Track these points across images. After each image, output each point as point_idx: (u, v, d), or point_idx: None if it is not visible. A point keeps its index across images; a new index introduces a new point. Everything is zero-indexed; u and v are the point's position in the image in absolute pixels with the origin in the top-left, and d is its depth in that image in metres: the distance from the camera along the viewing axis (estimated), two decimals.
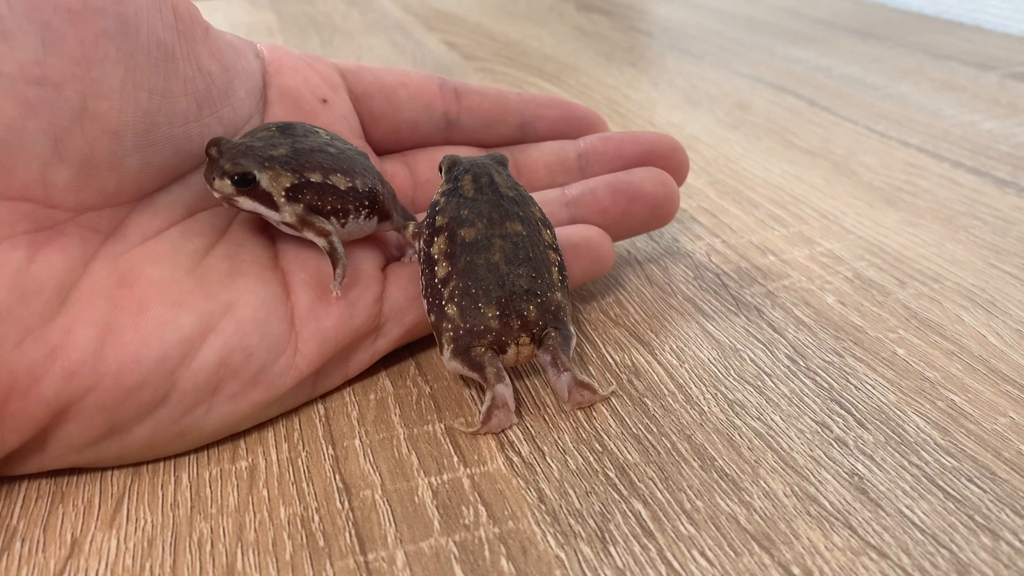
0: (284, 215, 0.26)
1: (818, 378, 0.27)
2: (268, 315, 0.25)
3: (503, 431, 0.25)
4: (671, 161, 0.33)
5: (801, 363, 0.28)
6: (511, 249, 0.27)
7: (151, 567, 0.21)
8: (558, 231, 0.30)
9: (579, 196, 0.32)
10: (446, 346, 0.26)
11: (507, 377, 0.26)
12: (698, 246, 0.36)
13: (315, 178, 0.26)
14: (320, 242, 0.27)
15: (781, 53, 0.63)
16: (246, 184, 0.26)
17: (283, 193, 0.26)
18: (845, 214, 0.38)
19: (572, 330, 0.27)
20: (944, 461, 0.23)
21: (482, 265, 0.26)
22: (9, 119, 0.22)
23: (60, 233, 0.23)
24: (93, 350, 0.23)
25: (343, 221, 0.27)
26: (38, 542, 0.22)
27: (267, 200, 0.26)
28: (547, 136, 0.35)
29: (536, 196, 0.32)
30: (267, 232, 0.28)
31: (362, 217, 0.28)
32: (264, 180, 0.26)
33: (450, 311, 0.26)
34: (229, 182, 0.25)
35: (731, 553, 0.21)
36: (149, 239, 0.25)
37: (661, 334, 0.30)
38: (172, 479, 0.24)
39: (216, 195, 0.26)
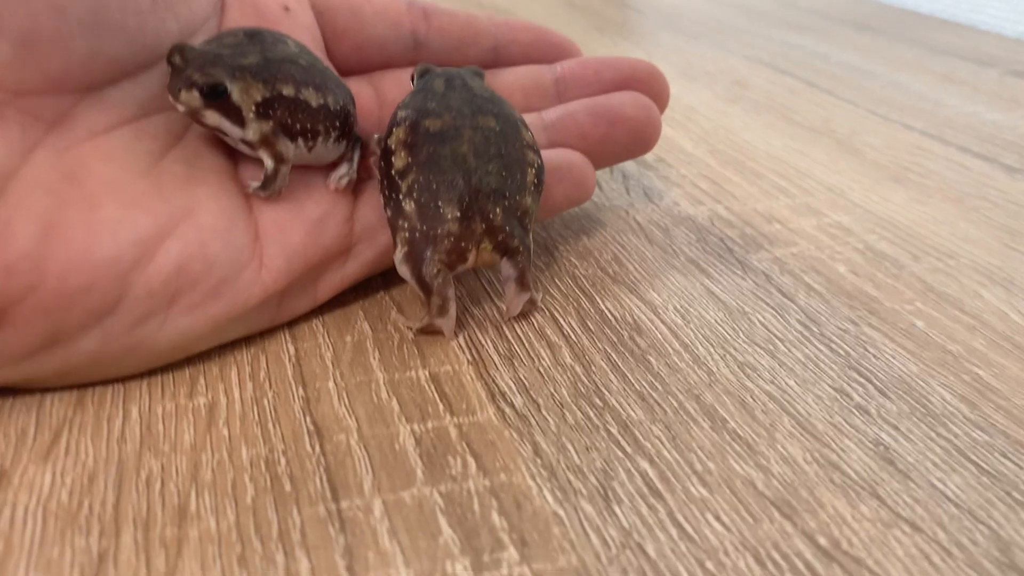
0: (248, 132, 0.24)
1: (833, 345, 0.25)
2: (230, 224, 0.23)
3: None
4: (651, 87, 0.31)
5: (815, 329, 0.26)
6: (481, 142, 0.24)
7: (90, 505, 0.19)
8: None
9: (558, 120, 0.30)
10: (400, 247, 0.24)
11: (452, 309, 0.24)
12: (700, 211, 0.34)
13: (287, 92, 0.24)
14: (269, 164, 0.24)
15: (778, 38, 0.61)
16: (216, 96, 0.23)
17: (253, 108, 0.23)
18: (852, 189, 0.36)
19: (532, 245, 0.25)
20: (975, 435, 0.21)
21: (447, 156, 0.24)
22: None
23: None
24: (35, 245, 0.20)
25: (311, 144, 0.25)
26: None
27: (235, 115, 0.23)
28: (520, 61, 0.33)
29: None
30: (224, 143, 0.25)
31: (331, 140, 0.25)
32: (235, 92, 0.23)
33: (407, 207, 0.24)
34: (198, 94, 0.23)
35: (748, 518, 0.19)
36: (98, 135, 0.22)
37: (664, 293, 0.28)
38: (120, 412, 0.22)
39: (180, 108, 0.23)
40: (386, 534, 0.18)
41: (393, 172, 0.24)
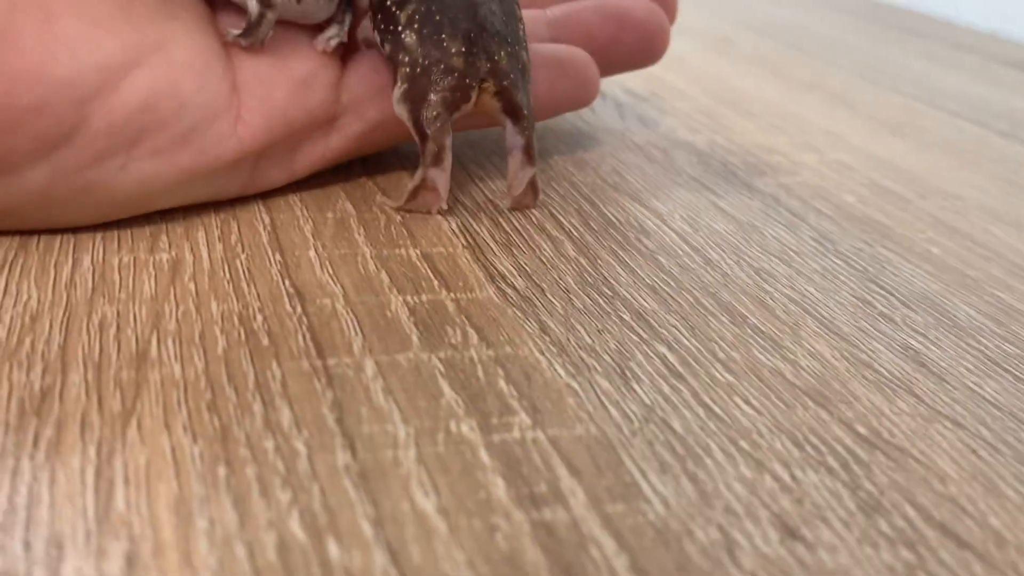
0: None
1: (850, 260, 0.24)
2: (206, 66, 0.20)
3: (433, 210, 0.21)
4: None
5: (829, 245, 0.24)
6: None
7: (32, 343, 0.16)
8: (538, 46, 0.26)
9: (563, 17, 0.28)
10: (399, 84, 0.22)
11: (447, 160, 0.22)
12: (699, 138, 0.32)
13: None
14: (253, 8, 0.21)
15: (759, 9, 0.60)
16: None
17: None
18: (850, 135, 0.35)
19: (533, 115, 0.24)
20: (1006, 348, 0.20)
21: None
22: None
23: None
24: None
25: None
26: None
27: None
28: None
29: None
30: None
31: None
32: None
33: (408, 39, 0.22)
34: None
35: (780, 404, 0.17)
36: None
37: (668, 204, 0.26)
38: (69, 259, 0.19)
39: None
40: (380, 392, 0.16)
41: (389, 3, 0.22)
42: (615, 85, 0.37)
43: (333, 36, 0.23)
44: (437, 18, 0.22)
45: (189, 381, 0.16)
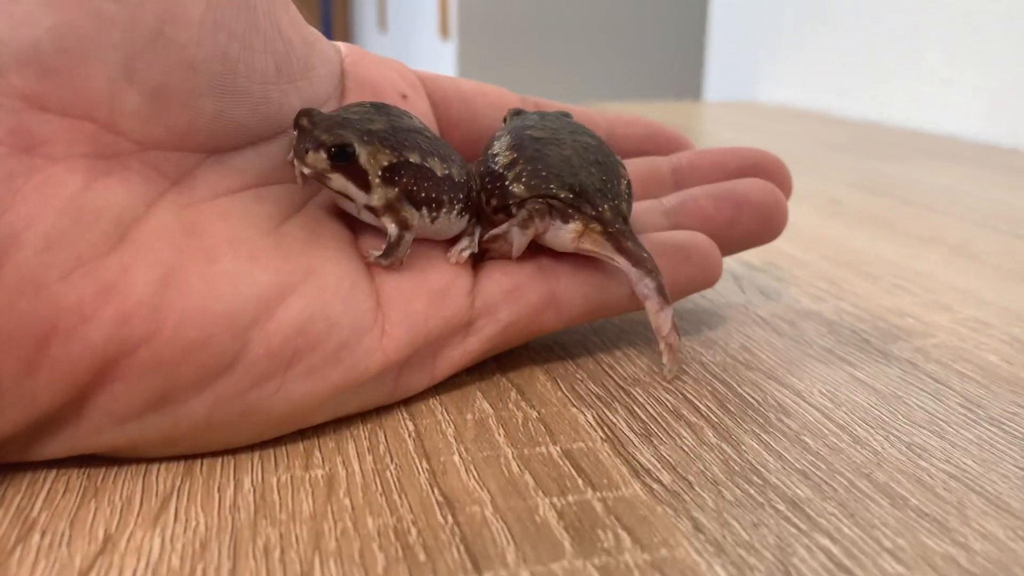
0: (373, 198, 0.23)
1: (1005, 427, 0.23)
2: (353, 287, 0.22)
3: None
4: (775, 176, 0.30)
5: (980, 412, 0.23)
6: (582, 149, 0.25)
7: (204, 570, 0.17)
8: (659, 235, 0.27)
9: (679, 204, 0.29)
10: (510, 207, 0.25)
11: (531, 230, 0.24)
12: (824, 307, 0.32)
13: (414, 159, 0.23)
14: (392, 231, 0.23)
15: (863, 167, 0.60)
16: (344, 159, 0.22)
17: (380, 173, 0.23)
18: (979, 288, 0.34)
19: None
20: None
21: (552, 155, 0.25)
22: (80, 30, 0.19)
23: (123, 166, 0.20)
24: (153, 294, 0.19)
25: (434, 214, 0.24)
26: (62, 535, 0.18)
27: (361, 179, 0.23)
28: (633, 154, 0.32)
29: None
30: (344, 215, 0.24)
31: (455, 213, 0.24)
32: (363, 156, 0.22)
33: (516, 189, 0.24)
34: (325, 155, 0.22)
35: None
36: (220, 196, 0.22)
37: (805, 379, 0.26)
38: (231, 481, 0.20)
39: (306, 171, 0.22)
40: None
41: (497, 168, 0.25)
42: (730, 258, 0.38)
43: (465, 248, 0.25)
44: (543, 173, 0.25)
45: None
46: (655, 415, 0.23)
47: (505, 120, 0.28)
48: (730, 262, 0.37)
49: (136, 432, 0.20)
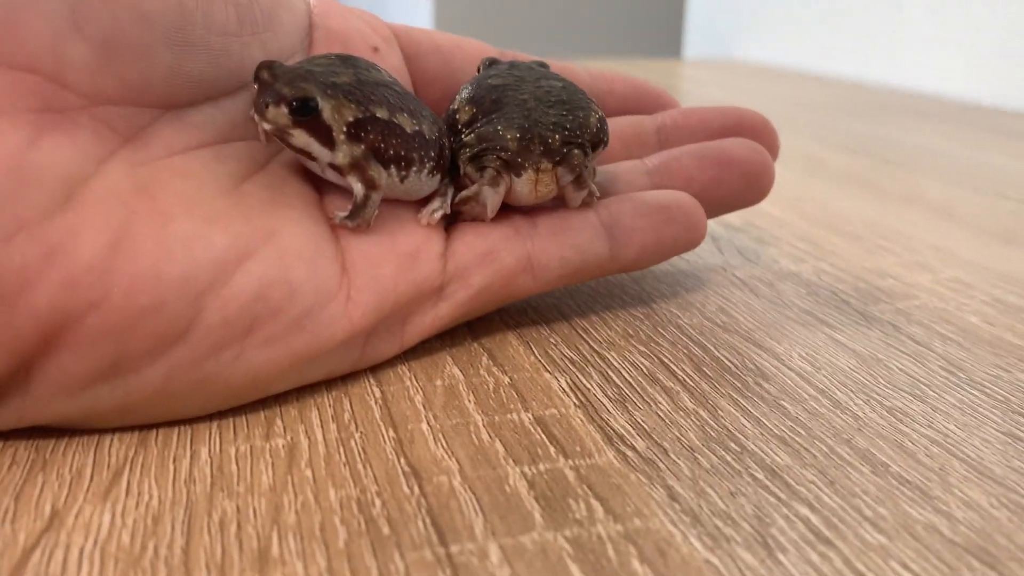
0: (338, 156, 0.22)
1: (987, 390, 0.22)
2: (316, 251, 0.21)
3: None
4: (761, 136, 0.29)
5: (962, 375, 0.23)
6: (543, 95, 0.25)
7: (156, 547, 0.16)
8: (641, 194, 0.26)
9: (662, 164, 0.28)
10: (461, 166, 0.24)
11: (503, 188, 0.24)
12: (803, 267, 0.31)
13: (381, 114, 0.22)
14: (359, 191, 0.22)
15: (845, 127, 0.60)
16: (306, 113, 0.21)
17: (345, 129, 0.22)
18: (960, 248, 0.33)
19: (594, 172, 0.25)
20: None
21: (509, 102, 0.25)
22: None
23: (71, 121, 0.19)
24: (102, 257, 0.18)
25: (404, 174, 0.23)
26: (7, 511, 0.17)
27: (325, 136, 0.22)
28: (617, 113, 0.31)
29: (611, 168, 0.28)
30: (310, 174, 0.23)
31: (425, 172, 0.23)
32: (327, 110, 0.21)
33: (468, 139, 0.24)
34: (286, 110, 0.21)
35: (944, 567, 0.15)
36: (176, 153, 0.21)
37: (784, 342, 0.25)
38: (188, 453, 0.19)
39: (266, 127, 0.21)
40: None
41: (459, 127, 0.25)
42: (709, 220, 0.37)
43: (437, 209, 0.24)
44: (495, 121, 0.24)
45: None
46: (630, 380, 0.23)
47: (479, 70, 0.27)
48: (709, 223, 0.36)
49: (87, 402, 0.19)
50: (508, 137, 0.24)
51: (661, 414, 0.21)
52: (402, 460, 0.19)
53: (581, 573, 0.15)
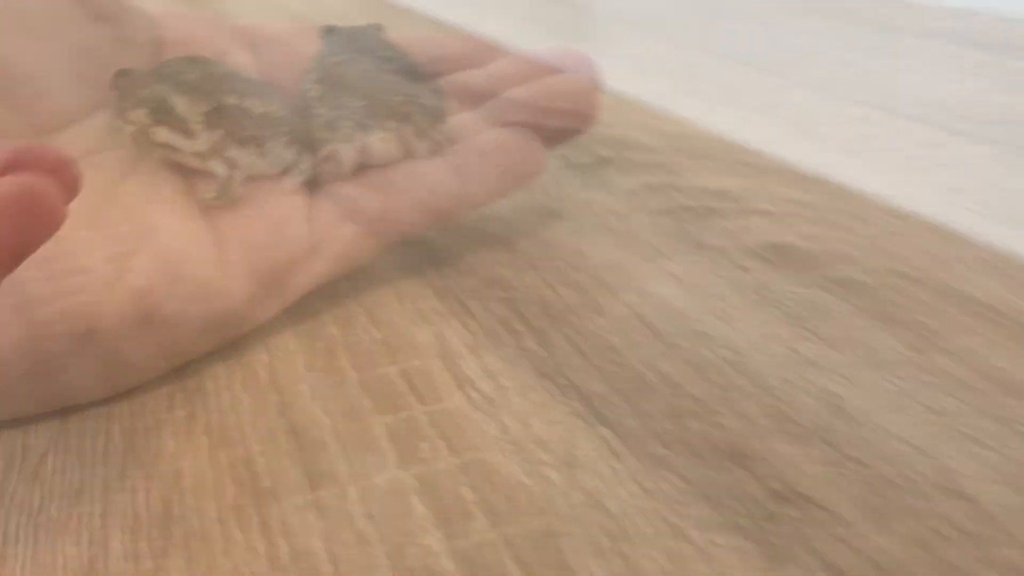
0: (199, 143, 0.25)
1: (784, 307, 0.26)
2: (194, 235, 0.24)
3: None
4: (582, 69, 0.32)
5: (767, 294, 0.27)
6: (382, 63, 0.29)
7: (79, 516, 0.20)
8: (483, 134, 0.30)
9: (496, 108, 0.31)
10: (317, 134, 0.28)
11: (358, 143, 0.28)
12: (657, 198, 0.35)
13: (231, 100, 0.25)
14: (222, 171, 0.25)
15: (727, 30, 0.62)
16: (164, 111, 0.24)
17: (201, 119, 0.25)
18: (812, 165, 0.37)
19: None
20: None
21: (353, 73, 0.28)
22: None
23: None
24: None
25: (260, 150, 0.26)
26: None
27: (184, 128, 0.25)
28: (453, 69, 0.34)
29: (453, 119, 0.31)
30: (177, 167, 0.26)
31: (280, 145, 0.27)
32: (181, 105, 0.24)
33: (320, 111, 0.28)
34: (146, 111, 0.24)
35: (710, 472, 0.20)
36: None
37: (623, 276, 0.29)
38: (103, 431, 0.22)
39: (129, 128, 0.24)
40: (362, 517, 0.19)
41: (312, 101, 0.29)
42: (573, 148, 0.40)
43: (297, 175, 0.27)
44: (343, 93, 0.28)
45: (206, 532, 0.19)
46: (486, 327, 0.26)
47: (322, 38, 0.31)
48: (574, 152, 0.40)
49: (12, 407, 0.22)
50: (355, 104, 0.28)
51: (508, 358, 0.25)
52: (283, 420, 0.22)
53: (421, 504, 0.19)
